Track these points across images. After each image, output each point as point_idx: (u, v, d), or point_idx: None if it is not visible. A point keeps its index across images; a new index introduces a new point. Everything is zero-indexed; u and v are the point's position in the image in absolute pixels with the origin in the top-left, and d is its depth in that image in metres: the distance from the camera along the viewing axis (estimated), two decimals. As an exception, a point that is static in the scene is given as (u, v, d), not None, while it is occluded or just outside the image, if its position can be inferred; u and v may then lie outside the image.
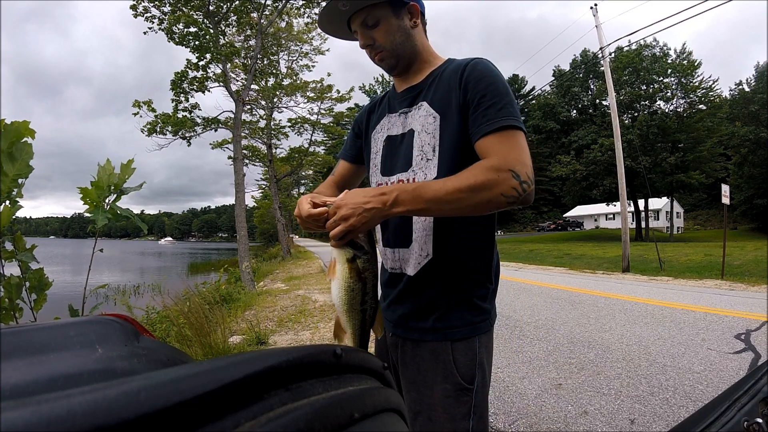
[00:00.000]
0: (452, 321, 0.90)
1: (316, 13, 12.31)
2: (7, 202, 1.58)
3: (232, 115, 10.57)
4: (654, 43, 29.04)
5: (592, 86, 33.19)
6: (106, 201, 1.83)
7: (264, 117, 17.79)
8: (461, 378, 0.87)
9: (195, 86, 9.68)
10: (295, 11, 12.67)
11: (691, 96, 27.36)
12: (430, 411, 0.87)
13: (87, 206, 1.80)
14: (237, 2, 9.94)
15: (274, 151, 19.79)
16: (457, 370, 0.88)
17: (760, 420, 0.52)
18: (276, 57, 15.07)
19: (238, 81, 14.67)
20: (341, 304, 0.80)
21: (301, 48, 18.20)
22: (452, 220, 0.90)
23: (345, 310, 0.79)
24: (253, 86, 12.45)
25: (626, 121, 28.00)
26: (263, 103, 17.00)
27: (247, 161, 18.26)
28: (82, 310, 1.87)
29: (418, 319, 0.93)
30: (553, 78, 34.82)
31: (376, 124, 1.05)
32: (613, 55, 19.58)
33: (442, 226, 0.90)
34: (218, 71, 10.13)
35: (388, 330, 1.00)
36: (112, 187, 1.81)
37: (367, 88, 33.33)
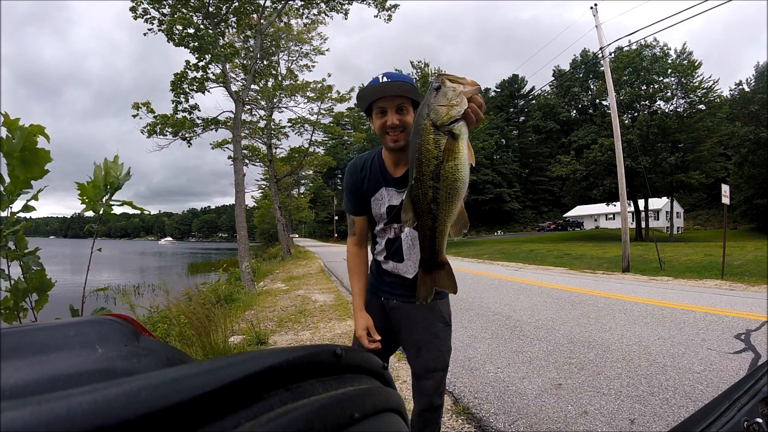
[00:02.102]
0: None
1: (315, 14, 12.34)
2: (12, 207, 1.59)
3: (232, 116, 10.57)
4: (654, 43, 29.05)
5: (592, 86, 33.14)
6: (103, 199, 1.84)
7: (264, 117, 17.79)
8: (445, 318, 1.52)
9: (195, 87, 9.67)
10: (295, 12, 12.67)
11: (691, 96, 27.33)
12: (431, 341, 1.48)
13: (84, 205, 1.81)
14: (236, 3, 9.94)
15: (274, 151, 19.79)
16: (441, 314, 1.51)
17: (760, 420, 0.52)
18: (276, 58, 15.07)
19: (237, 81, 14.67)
20: (467, 180, 0.87)
21: (301, 48, 18.22)
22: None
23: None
24: (253, 86, 12.46)
25: (626, 121, 27.98)
26: (263, 103, 17.00)
27: (247, 161, 18.24)
28: (81, 311, 1.87)
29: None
30: (553, 78, 34.80)
31: (374, 191, 1.47)
32: (613, 55, 19.59)
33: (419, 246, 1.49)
34: (218, 72, 10.13)
35: (390, 299, 1.55)
36: (108, 186, 1.82)
37: (367, 88, 33.30)
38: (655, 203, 37.63)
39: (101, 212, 1.83)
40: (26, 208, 1.64)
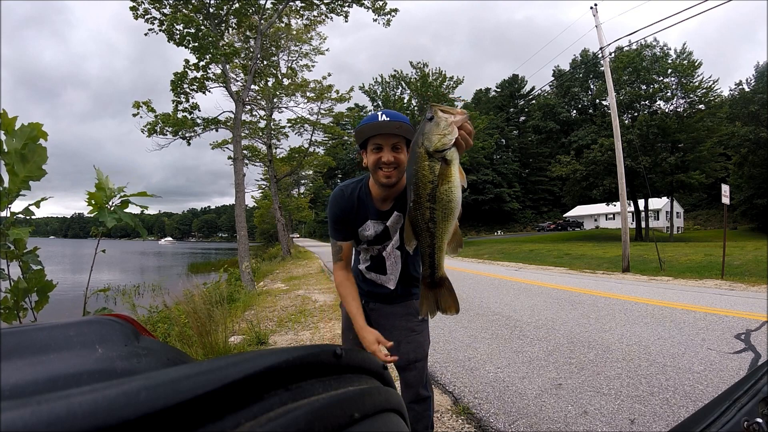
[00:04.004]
0: (411, 292, 1.66)
1: (315, 15, 12.34)
2: (11, 208, 1.58)
3: (232, 116, 10.57)
4: (654, 43, 29.06)
5: (592, 86, 33.15)
6: (111, 203, 1.84)
7: (264, 117, 17.78)
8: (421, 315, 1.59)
9: (195, 87, 9.67)
10: (295, 12, 12.68)
11: (691, 96, 27.33)
12: (409, 335, 1.60)
13: (91, 207, 1.81)
14: (237, 5, 9.94)
15: (274, 151, 19.78)
16: (417, 311, 1.59)
17: (760, 420, 0.52)
18: (275, 58, 15.07)
19: (238, 81, 14.67)
20: (460, 201, 0.94)
21: (301, 48, 18.22)
22: (404, 261, 1.61)
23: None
24: (253, 87, 12.46)
25: (626, 121, 27.97)
26: (263, 103, 17.00)
27: (247, 161, 18.24)
28: (83, 310, 1.88)
29: (398, 297, 1.66)
30: (553, 78, 34.82)
31: (362, 223, 1.55)
32: (613, 55, 19.58)
33: (402, 263, 1.62)
34: (218, 72, 10.13)
35: (370, 302, 1.68)
36: (116, 191, 1.83)
37: (366, 88, 33.36)
38: (655, 203, 37.62)
39: (110, 218, 1.82)
40: (26, 211, 1.64)
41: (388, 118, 1.37)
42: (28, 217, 1.70)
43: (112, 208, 1.83)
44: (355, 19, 11.51)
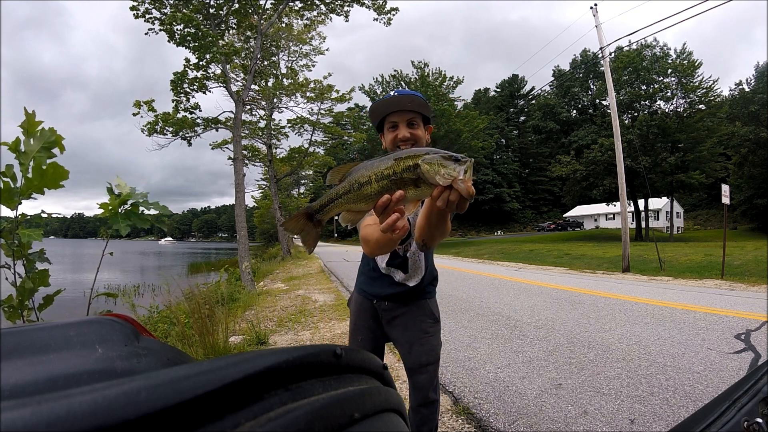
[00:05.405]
0: (426, 291, 1.61)
1: (315, 15, 12.35)
2: (19, 211, 1.59)
3: (232, 116, 10.58)
4: (654, 43, 29.08)
5: (592, 86, 33.16)
6: (122, 208, 1.84)
7: (264, 117, 17.79)
8: (435, 315, 1.61)
9: (195, 86, 9.68)
10: (295, 13, 12.69)
11: (691, 96, 27.34)
12: (422, 337, 1.55)
13: (103, 210, 1.81)
14: (237, 5, 9.94)
15: (274, 151, 19.79)
16: (431, 312, 1.60)
17: (760, 420, 0.52)
18: (276, 58, 15.09)
19: (238, 81, 14.68)
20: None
21: (301, 48, 18.23)
22: (427, 259, 1.59)
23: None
24: (253, 86, 12.47)
25: (626, 121, 27.98)
26: (263, 103, 17.00)
27: (247, 161, 18.24)
28: (87, 311, 1.87)
29: (411, 296, 1.59)
30: (553, 78, 34.85)
31: None
32: (613, 55, 19.56)
33: (424, 261, 1.58)
34: (218, 71, 10.14)
35: (382, 302, 1.61)
36: (132, 195, 1.83)
37: (367, 88, 33.43)
38: (655, 203, 37.63)
39: (123, 225, 1.82)
40: (38, 217, 1.65)
41: (400, 95, 1.35)
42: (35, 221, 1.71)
43: (122, 212, 1.83)
44: (351, 20, 11.49)
